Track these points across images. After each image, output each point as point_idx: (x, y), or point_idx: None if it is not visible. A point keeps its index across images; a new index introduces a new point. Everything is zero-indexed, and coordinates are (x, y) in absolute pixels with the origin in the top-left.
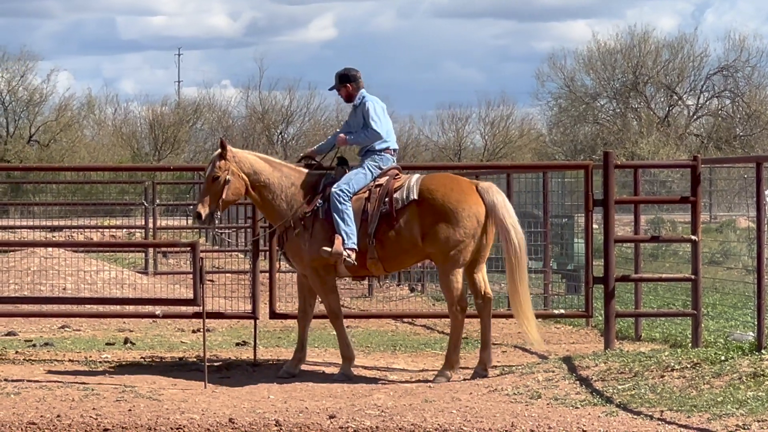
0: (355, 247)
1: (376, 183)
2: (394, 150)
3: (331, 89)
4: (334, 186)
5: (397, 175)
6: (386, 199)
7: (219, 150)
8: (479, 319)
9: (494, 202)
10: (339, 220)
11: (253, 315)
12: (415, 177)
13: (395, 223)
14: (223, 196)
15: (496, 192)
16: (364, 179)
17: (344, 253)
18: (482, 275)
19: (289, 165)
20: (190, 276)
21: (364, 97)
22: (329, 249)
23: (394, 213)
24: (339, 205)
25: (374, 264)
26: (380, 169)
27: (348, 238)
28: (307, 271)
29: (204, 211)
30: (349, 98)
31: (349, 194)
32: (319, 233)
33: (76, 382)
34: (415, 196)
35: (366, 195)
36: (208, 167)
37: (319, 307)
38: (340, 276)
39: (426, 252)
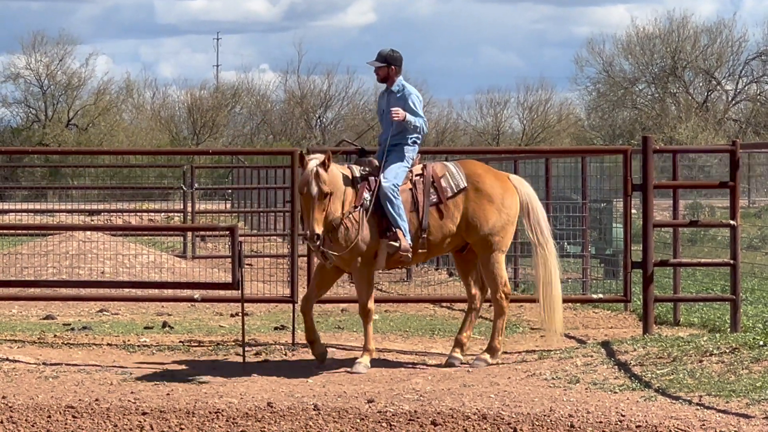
0: (411, 242)
1: (415, 173)
2: None
3: (370, 63)
4: (384, 180)
5: (425, 164)
6: (433, 189)
7: (321, 160)
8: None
9: (529, 194)
10: (396, 215)
11: (291, 299)
12: (451, 164)
13: (445, 212)
14: (333, 213)
15: (527, 185)
16: (405, 171)
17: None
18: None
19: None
20: (229, 260)
21: (405, 86)
22: (396, 244)
23: (445, 201)
24: (394, 200)
25: (421, 255)
26: (412, 159)
27: (405, 233)
28: (353, 266)
29: (321, 230)
30: (385, 80)
31: (398, 188)
32: (366, 228)
33: (115, 366)
34: (465, 183)
35: (409, 186)
36: (309, 182)
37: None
38: (377, 269)
39: (465, 239)
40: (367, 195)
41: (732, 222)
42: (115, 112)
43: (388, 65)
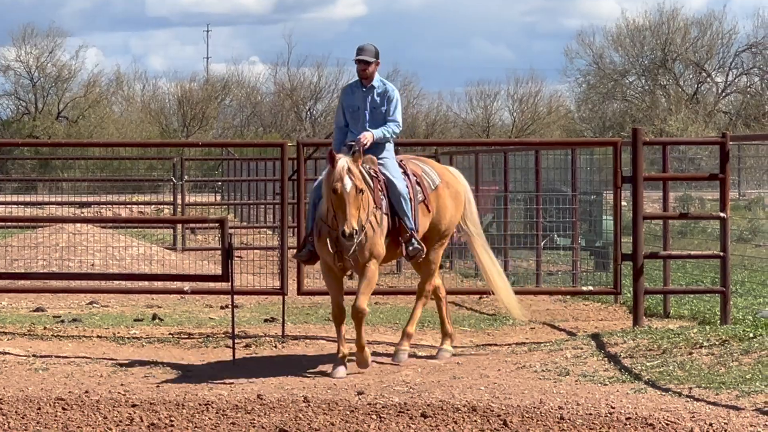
0: None
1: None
2: None
3: (362, 59)
4: (396, 180)
5: (400, 161)
6: (419, 187)
7: (352, 156)
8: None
9: (467, 186)
10: (409, 215)
11: (281, 291)
12: (415, 160)
13: (427, 208)
14: (362, 213)
15: (463, 177)
16: None
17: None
18: None
19: None
20: (219, 252)
21: (386, 84)
22: (420, 246)
23: (427, 198)
24: (408, 200)
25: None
26: None
27: (417, 233)
28: (371, 264)
29: (357, 227)
30: (370, 76)
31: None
32: (384, 228)
33: (104, 358)
34: (438, 180)
35: None
36: (343, 178)
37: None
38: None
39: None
40: (381, 195)
41: (722, 214)
42: (105, 105)
43: (377, 61)
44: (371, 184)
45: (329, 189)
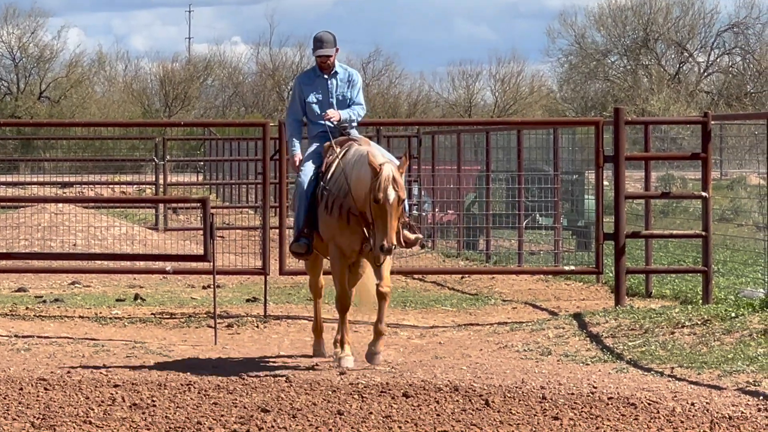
0: None
1: None
2: None
3: (323, 53)
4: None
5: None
6: None
7: (399, 163)
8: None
9: None
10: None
11: (263, 271)
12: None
13: None
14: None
15: None
16: None
17: None
18: None
19: None
20: (200, 232)
21: (348, 70)
22: (419, 234)
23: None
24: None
25: None
26: None
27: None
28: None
29: (396, 242)
30: (331, 65)
31: None
32: None
33: (86, 339)
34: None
35: None
36: (387, 189)
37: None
38: None
39: None
40: None
41: (704, 194)
42: (87, 85)
43: (337, 48)
44: None
45: (373, 199)
